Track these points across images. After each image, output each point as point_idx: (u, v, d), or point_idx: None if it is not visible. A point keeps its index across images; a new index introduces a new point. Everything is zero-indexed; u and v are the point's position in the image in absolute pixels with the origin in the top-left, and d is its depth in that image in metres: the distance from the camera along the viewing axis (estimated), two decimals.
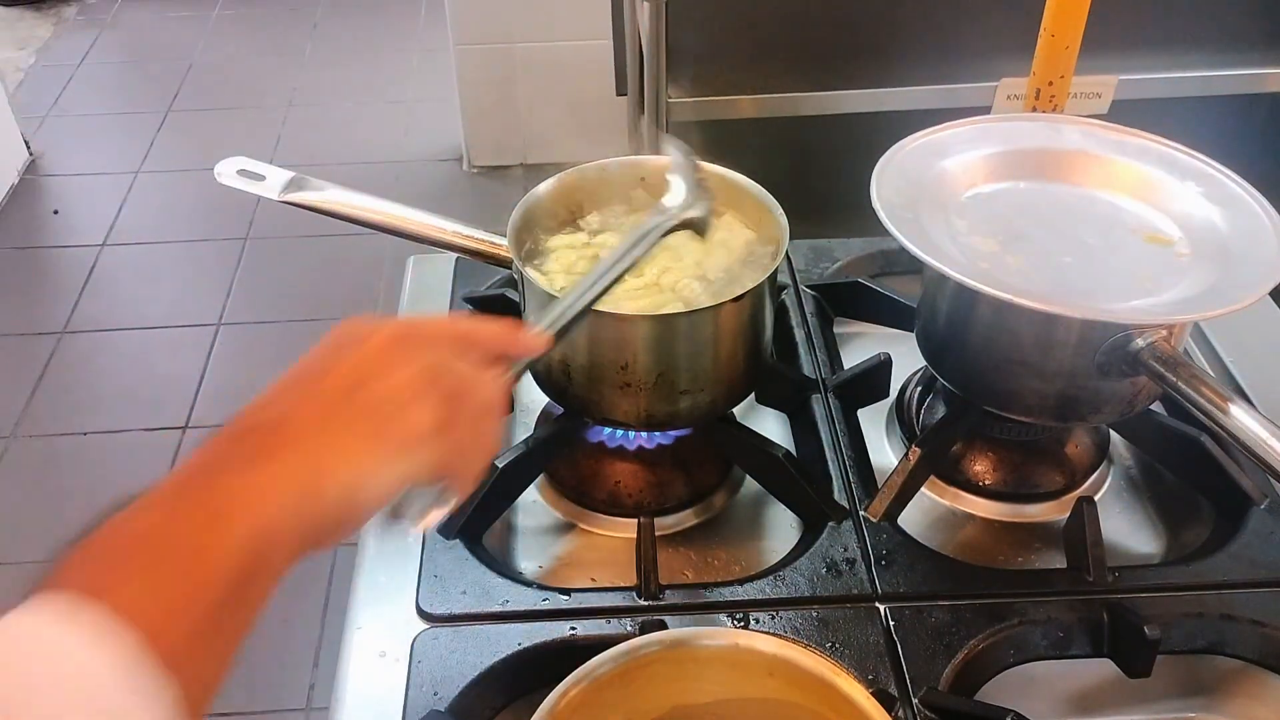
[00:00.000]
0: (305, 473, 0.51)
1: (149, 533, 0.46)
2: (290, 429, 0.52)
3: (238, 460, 0.50)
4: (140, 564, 0.44)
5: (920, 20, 1.60)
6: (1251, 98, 1.67)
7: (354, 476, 0.53)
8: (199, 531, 0.46)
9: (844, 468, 0.93)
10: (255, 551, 0.47)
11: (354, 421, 0.54)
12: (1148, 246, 0.87)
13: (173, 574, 0.45)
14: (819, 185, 1.42)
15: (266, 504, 0.48)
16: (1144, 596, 0.82)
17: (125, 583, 0.43)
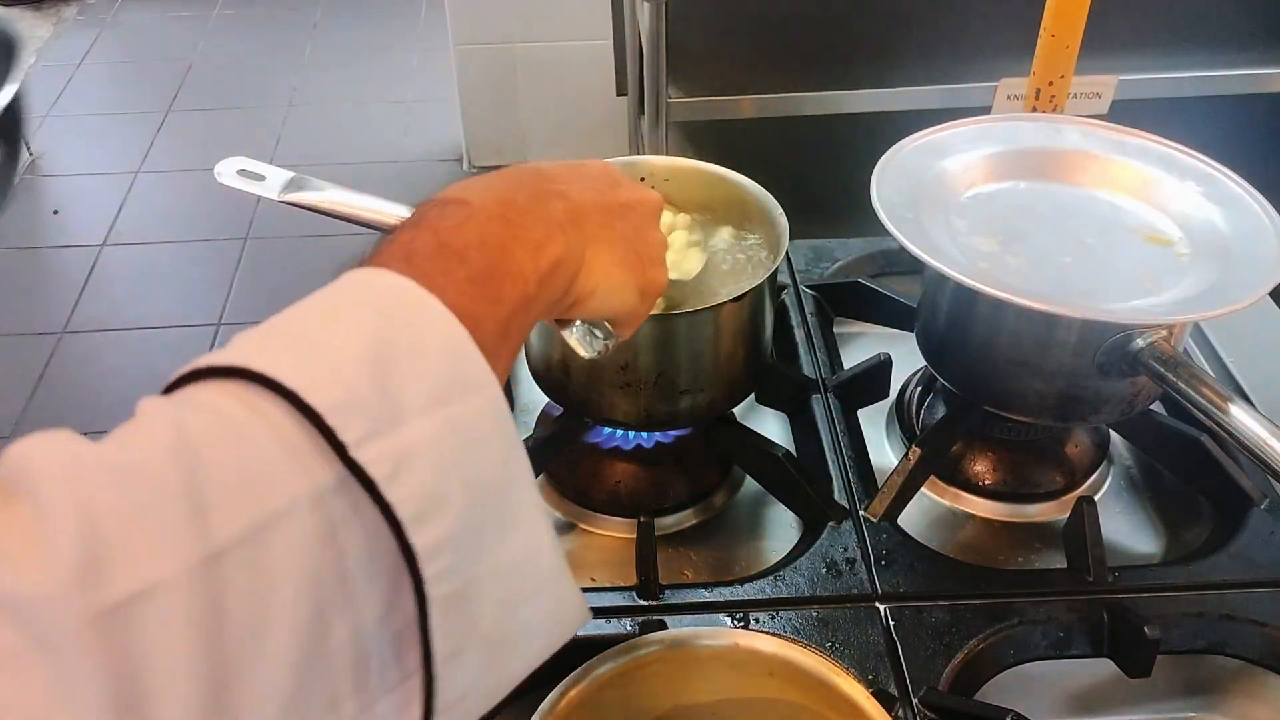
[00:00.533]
0: (579, 253, 0.56)
1: (478, 247, 0.50)
2: (580, 210, 0.57)
3: (541, 213, 0.55)
4: (471, 273, 0.48)
5: (920, 20, 1.61)
6: (1251, 98, 1.67)
7: (605, 283, 0.58)
8: (513, 260, 0.51)
9: (844, 468, 0.93)
10: (535, 288, 0.52)
11: (620, 239, 0.60)
12: (1148, 246, 0.87)
13: (496, 288, 0.49)
14: (819, 185, 1.42)
15: (554, 258, 0.54)
16: (1144, 596, 0.82)
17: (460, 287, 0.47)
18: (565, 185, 0.58)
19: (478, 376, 0.44)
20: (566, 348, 0.67)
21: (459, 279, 0.47)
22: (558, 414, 0.93)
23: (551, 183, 0.58)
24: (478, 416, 0.43)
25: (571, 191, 0.58)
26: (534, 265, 0.52)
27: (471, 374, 0.44)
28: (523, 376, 0.99)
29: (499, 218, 0.52)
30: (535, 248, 0.52)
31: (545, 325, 0.87)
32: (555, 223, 0.55)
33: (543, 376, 0.91)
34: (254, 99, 3.47)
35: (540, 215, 0.54)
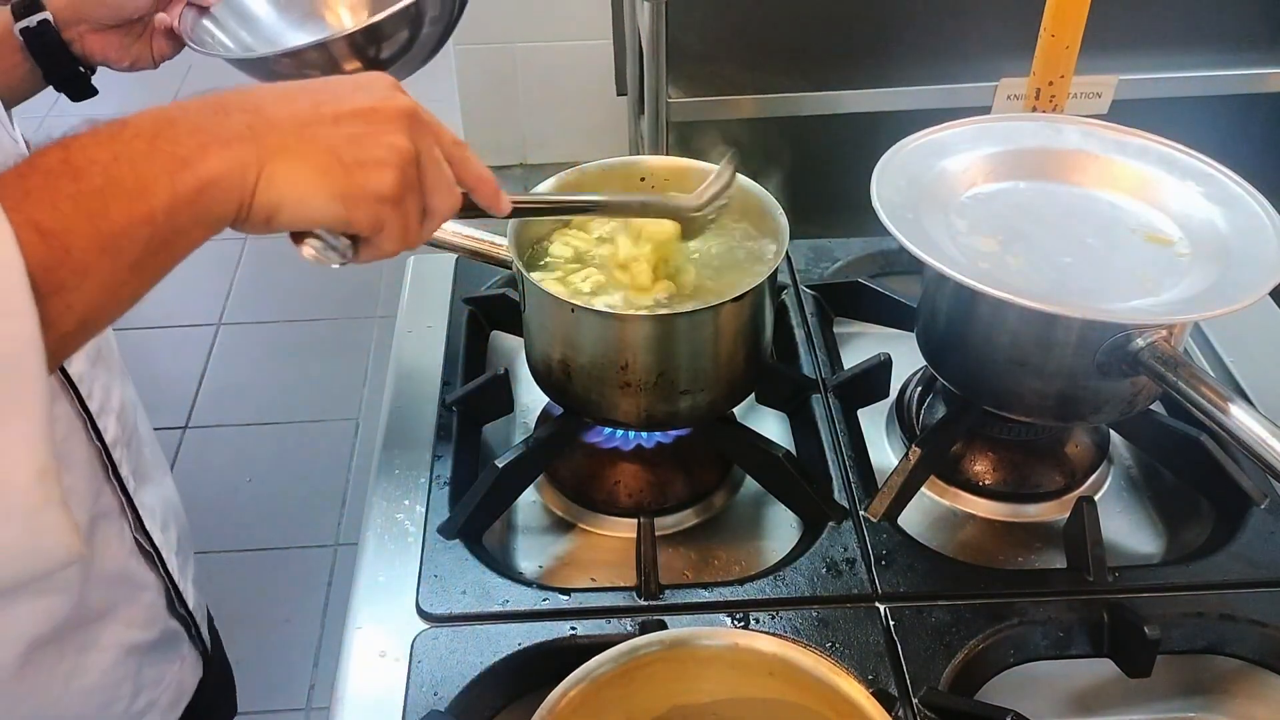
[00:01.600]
0: (253, 168, 0.55)
1: (104, 164, 0.50)
2: (266, 122, 0.56)
3: (207, 128, 0.54)
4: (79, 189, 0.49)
5: (920, 20, 1.61)
6: (1251, 98, 1.67)
7: (291, 194, 0.57)
8: (142, 178, 0.51)
9: (844, 468, 0.93)
10: (180, 212, 0.52)
11: (324, 147, 0.57)
12: (1148, 246, 0.87)
13: (102, 206, 0.49)
14: (819, 185, 1.42)
15: (207, 178, 0.53)
16: (1144, 596, 0.82)
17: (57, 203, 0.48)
18: (266, 101, 0.58)
19: (8, 305, 0.45)
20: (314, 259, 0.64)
21: (61, 195, 0.48)
22: (558, 414, 0.93)
23: (246, 98, 0.57)
24: None
25: (267, 106, 0.57)
26: (169, 182, 0.52)
27: (2, 301, 0.45)
28: (523, 376, 0.99)
29: (147, 134, 0.52)
30: (179, 164, 0.52)
31: (546, 327, 0.88)
32: (219, 138, 0.54)
33: (543, 376, 0.91)
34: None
35: (202, 131, 0.54)
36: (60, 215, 0.48)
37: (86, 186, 0.49)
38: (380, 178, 0.59)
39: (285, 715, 1.93)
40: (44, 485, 0.47)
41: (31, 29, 0.92)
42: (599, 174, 0.96)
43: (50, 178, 0.49)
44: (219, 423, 2.46)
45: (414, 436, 0.97)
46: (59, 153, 0.50)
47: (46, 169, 0.49)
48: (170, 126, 0.53)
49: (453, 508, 0.90)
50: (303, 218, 0.58)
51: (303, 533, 2.21)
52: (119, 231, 0.50)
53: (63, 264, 0.47)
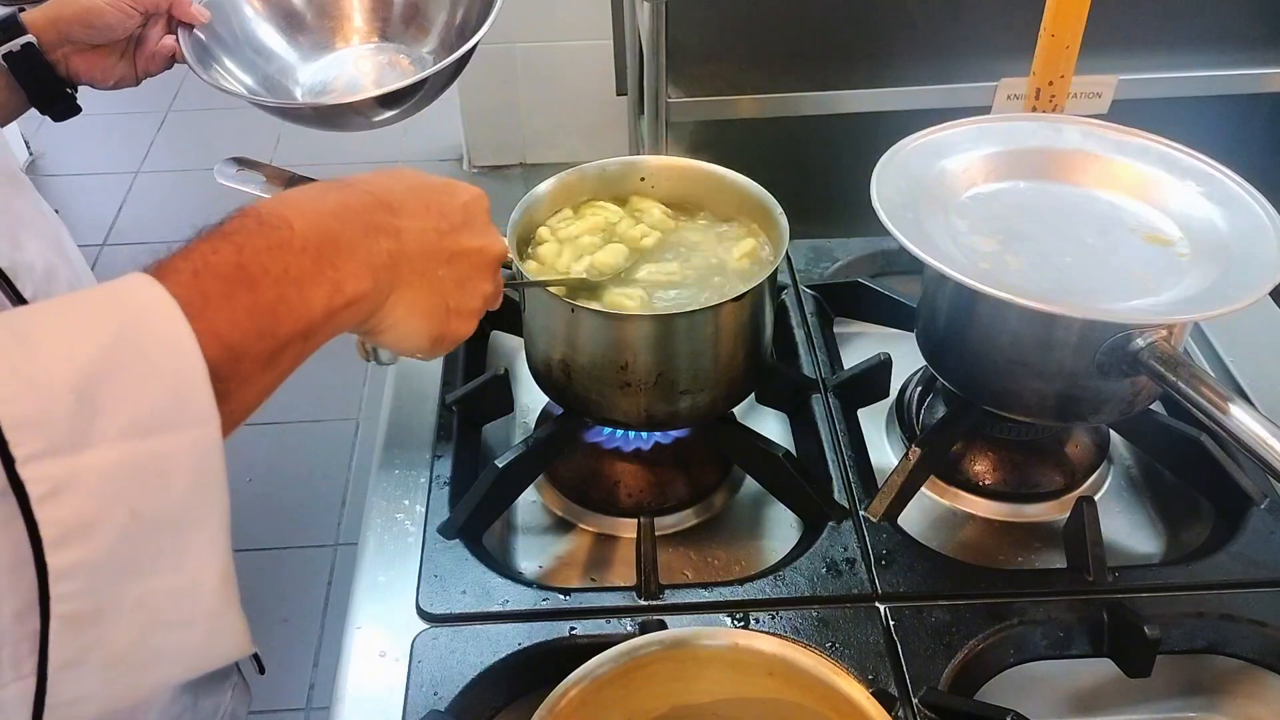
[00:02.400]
0: (381, 295, 0.58)
1: (276, 277, 0.51)
2: (403, 252, 0.59)
3: (360, 254, 0.56)
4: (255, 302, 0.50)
5: (920, 20, 1.61)
6: (1251, 98, 1.67)
7: (401, 327, 0.60)
8: (307, 297, 0.52)
9: (844, 468, 0.93)
10: (320, 324, 0.53)
11: (437, 290, 0.61)
12: (1148, 246, 0.87)
13: (274, 321, 0.51)
14: (819, 185, 1.42)
15: (351, 299, 0.55)
16: (1144, 596, 0.82)
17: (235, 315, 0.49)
18: (404, 221, 0.59)
19: (197, 413, 0.45)
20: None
21: (239, 306, 0.49)
22: (558, 414, 0.93)
23: (390, 216, 0.59)
24: (176, 453, 0.44)
25: (406, 231, 0.59)
26: (327, 303, 0.53)
27: (191, 409, 0.45)
28: (523, 376, 0.99)
29: (314, 251, 0.53)
30: (336, 286, 0.54)
31: (546, 327, 0.88)
32: (371, 264, 0.56)
33: (543, 377, 0.91)
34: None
35: (359, 254, 0.55)
36: (238, 330, 0.48)
37: (261, 300, 0.50)
38: (468, 326, 0.65)
39: (285, 715, 1.93)
40: (226, 589, 0.48)
41: (15, 53, 0.92)
42: (599, 174, 0.96)
43: (228, 285, 0.49)
44: None
45: (414, 436, 0.97)
46: (232, 255, 0.50)
47: (224, 274, 0.49)
48: (333, 248, 0.54)
49: (453, 508, 0.90)
50: (398, 345, 0.62)
51: (303, 533, 2.21)
52: (282, 347, 0.51)
53: (233, 375, 0.48)
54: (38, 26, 0.93)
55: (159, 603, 0.45)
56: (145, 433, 0.43)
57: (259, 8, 1.11)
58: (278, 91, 1.08)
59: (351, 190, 0.59)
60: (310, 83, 1.12)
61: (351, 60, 1.14)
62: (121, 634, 0.45)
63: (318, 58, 1.13)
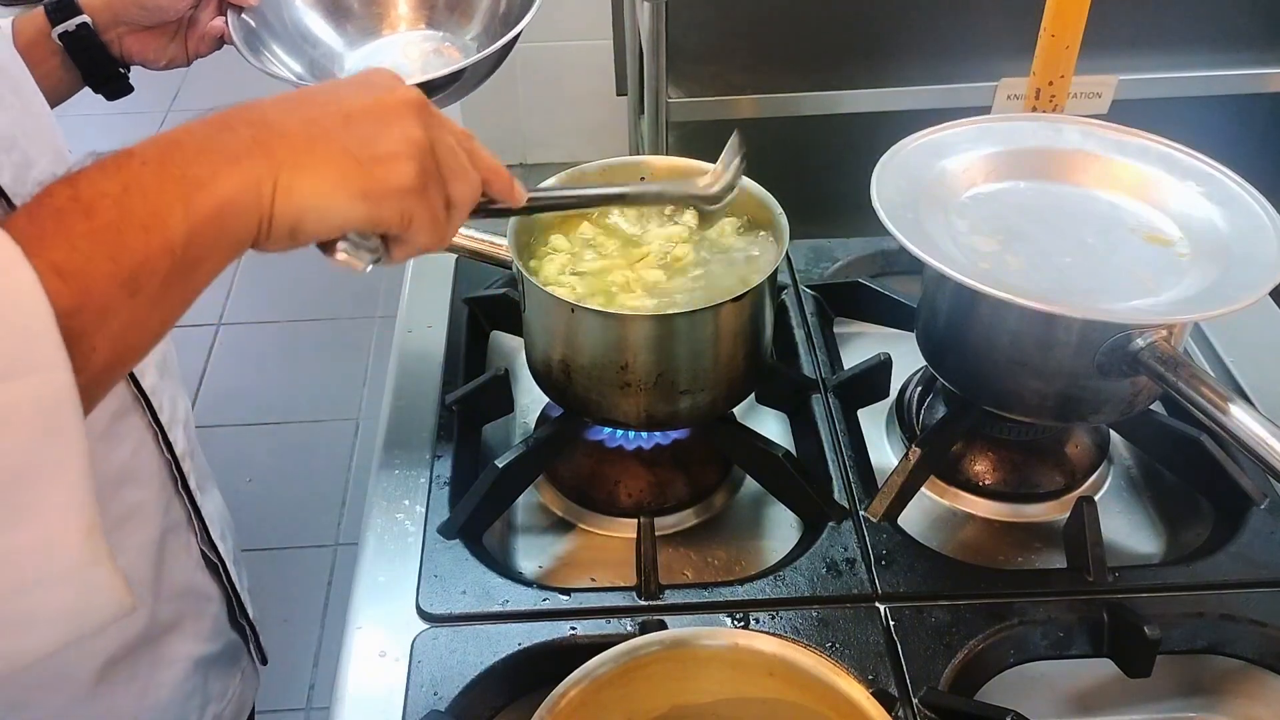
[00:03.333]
0: (268, 181, 0.53)
1: (115, 196, 0.48)
2: (274, 133, 0.54)
3: (214, 148, 0.52)
4: (93, 226, 0.47)
5: (920, 20, 1.60)
6: (1251, 98, 1.67)
7: (312, 202, 0.54)
8: (155, 207, 0.49)
9: (844, 468, 0.93)
10: (188, 232, 0.50)
11: (338, 149, 0.55)
12: (1148, 246, 0.87)
13: (118, 240, 0.48)
14: (819, 185, 1.42)
15: (223, 199, 0.51)
16: (1144, 596, 0.82)
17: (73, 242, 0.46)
18: (271, 112, 0.55)
19: (42, 358, 0.43)
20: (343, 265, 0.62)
21: (75, 233, 0.46)
22: (558, 414, 0.93)
23: (251, 111, 0.55)
24: (18, 403, 0.42)
25: (272, 115, 0.55)
26: (183, 208, 0.49)
27: (35, 354, 0.43)
28: (523, 376, 0.99)
29: (155, 161, 0.50)
30: (191, 188, 0.50)
31: (546, 327, 0.88)
32: (228, 156, 0.52)
33: (543, 377, 0.91)
34: (254, 98, 3.47)
35: (209, 152, 0.52)
36: (78, 255, 0.46)
37: (100, 222, 0.47)
38: (400, 170, 0.58)
39: (285, 715, 1.93)
40: (92, 543, 0.46)
41: (70, 33, 0.92)
42: (599, 174, 0.96)
43: (62, 216, 0.47)
44: (219, 423, 2.46)
45: (414, 436, 0.97)
46: (67, 190, 0.48)
47: (57, 208, 0.47)
48: (177, 150, 0.51)
49: (453, 508, 0.90)
50: (328, 224, 0.56)
51: (303, 533, 2.21)
52: (138, 265, 0.48)
53: (84, 306, 0.45)
54: (92, 7, 0.93)
55: (16, 560, 0.44)
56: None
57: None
58: (323, 77, 1.09)
59: (216, 115, 0.55)
60: (355, 69, 1.12)
61: (398, 47, 1.14)
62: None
63: (364, 44, 1.14)
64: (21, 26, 0.92)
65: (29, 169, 0.66)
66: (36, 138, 0.70)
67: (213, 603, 0.86)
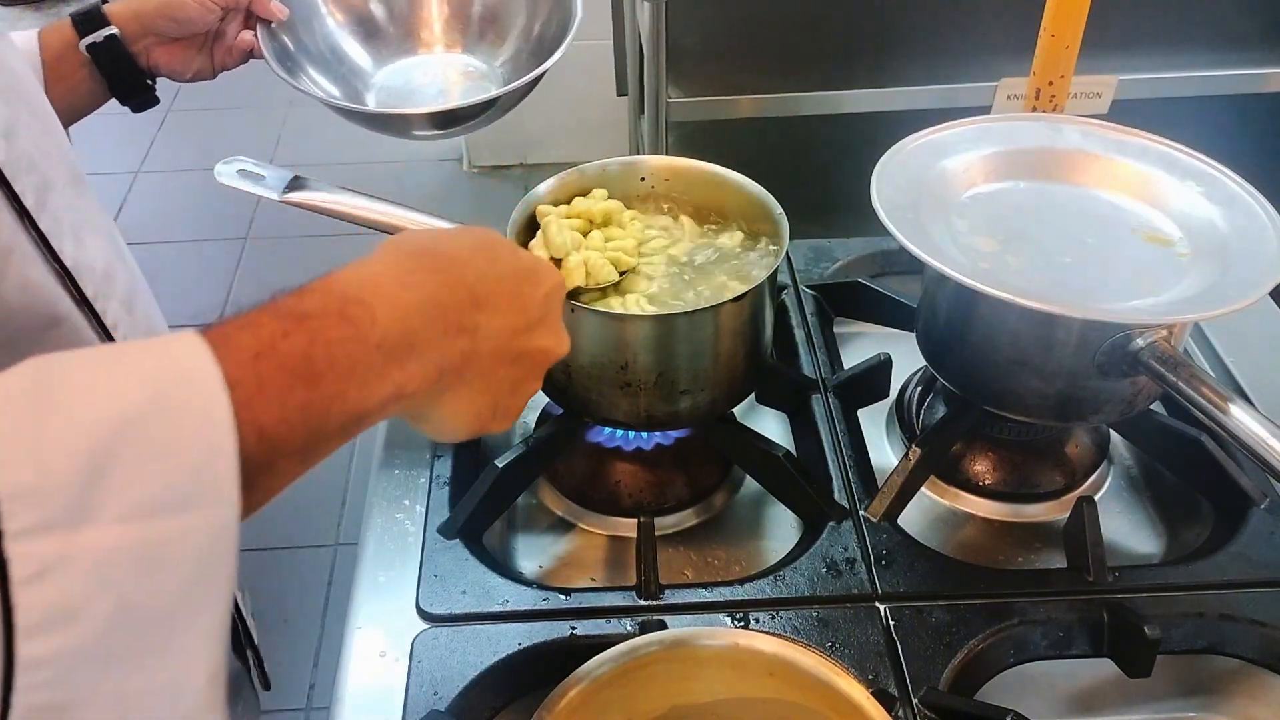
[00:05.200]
0: (439, 394, 0.55)
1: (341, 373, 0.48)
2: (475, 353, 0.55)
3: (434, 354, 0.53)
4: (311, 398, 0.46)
5: (920, 20, 1.60)
6: (1251, 98, 1.67)
7: (442, 422, 0.57)
8: (365, 397, 0.49)
9: (844, 468, 0.93)
10: (370, 422, 0.50)
11: (491, 391, 0.58)
12: (1148, 246, 0.87)
13: (324, 420, 0.47)
14: (819, 185, 1.42)
15: (408, 394, 0.51)
16: (1144, 596, 0.82)
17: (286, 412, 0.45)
18: (485, 318, 0.56)
19: (214, 494, 0.41)
20: None
21: (292, 403, 0.45)
22: (558, 414, 0.93)
23: (475, 313, 0.55)
24: (183, 537, 0.40)
25: (484, 329, 0.56)
26: (381, 405, 0.50)
27: (209, 491, 0.41)
28: None
29: (388, 350, 0.50)
30: (400, 387, 0.50)
31: None
32: (440, 365, 0.53)
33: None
34: (254, 99, 3.47)
35: (432, 355, 0.52)
36: (285, 426, 0.45)
37: (318, 397, 0.46)
38: (506, 425, 0.61)
39: (285, 715, 1.93)
40: (212, 689, 0.43)
41: (98, 44, 0.92)
42: (599, 174, 0.96)
43: (289, 378, 0.45)
44: None
45: (414, 437, 0.97)
46: (304, 344, 0.46)
47: (288, 366, 0.45)
48: (408, 349, 0.51)
49: (453, 508, 0.90)
50: (432, 434, 0.59)
51: (303, 533, 2.21)
52: (324, 442, 0.47)
53: (267, 469, 0.44)
54: (120, 19, 0.93)
55: (136, 701, 0.41)
56: (153, 514, 0.39)
57: (337, 12, 1.10)
58: (351, 94, 1.07)
59: (446, 279, 0.54)
60: (384, 86, 1.10)
61: (433, 70, 1.12)
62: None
63: (394, 63, 1.12)
64: (48, 39, 0.92)
65: (48, 191, 0.66)
66: (55, 159, 0.69)
67: None
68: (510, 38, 1.12)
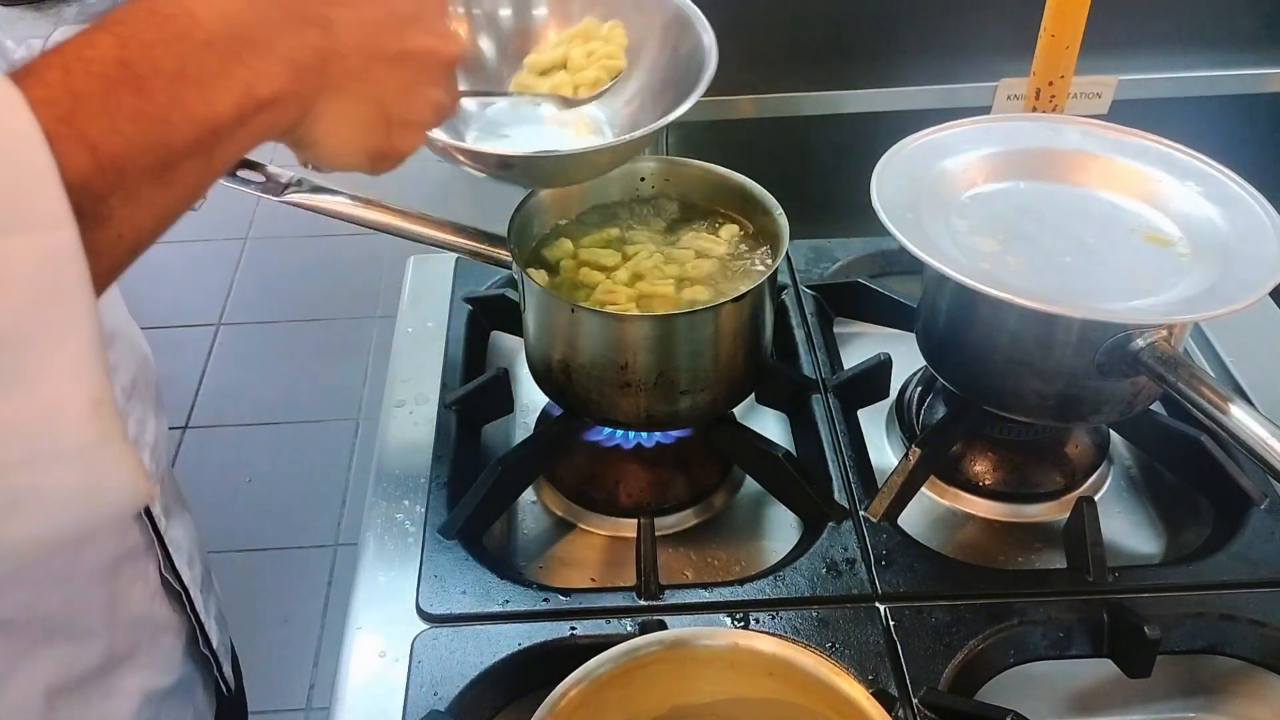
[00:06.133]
0: (305, 100, 0.51)
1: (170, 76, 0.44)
2: (335, 48, 0.51)
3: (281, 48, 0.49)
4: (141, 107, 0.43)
5: (920, 20, 1.60)
6: (1251, 98, 1.67)
7: (330, 140, 0.53)
8: (210, 99, 0.46)
9: (844, 468, 0.93)
10: (228, 132, 0.47)
11: (375, 95, 0.54)
12: (1148, 246, 0.87)
13: (165, 129, 0.44)
14: (819, 185, 1.42)
15: (270, 103, 0.48)
16: (1144, 596, 0.82)
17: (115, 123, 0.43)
18: (338, 10, 0.51)
19: (44, 215, 0.39)
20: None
21: (121, 112, 0.42)
22: (558, 414, 0.93)
23: (320, 4, 0.51)
24: (13, 259, 0.39)
25: (339, 22, 0.51)
26: (236, 108, 0.46)
27: (35, 211, 0.39)
28: (523, 376, 0.99)
29: (220, 44, 0.46)
30: (248, 87, 0.47)
31: (546, 327, 0.88)
32: (291, 60, 0.49)
33: (543, 377, 0.91)
34: None
35: (278, 49, 0.48)
36: (119, 138, 0.42)
37: (150, 105, 0.43)
38: (414, 140, 0.57)
39: (285, 715, 1.93)
40: (100, 418, 0.42)
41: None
42: None
43: (107, 85, 0.42)
44: (219, 423, 2.46)
45: (414, 437, 0.97)
46: (114, 49, 0.43)
47: (102, 72, 0.42)
48: (244, 41, 0.47)
49: (453, 508, 0.90)
50: (329, 160, 0.55)
51: (303, 533, 2.21)
52: (179, 159, 0.44)
53: (114, 191, 0.42)
54: None
55: (12, 430, 0.40)
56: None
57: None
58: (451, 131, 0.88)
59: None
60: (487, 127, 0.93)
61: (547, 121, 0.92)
62: None
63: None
64: None
65: None
66: None
67: (169, 633, 0.81)
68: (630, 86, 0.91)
